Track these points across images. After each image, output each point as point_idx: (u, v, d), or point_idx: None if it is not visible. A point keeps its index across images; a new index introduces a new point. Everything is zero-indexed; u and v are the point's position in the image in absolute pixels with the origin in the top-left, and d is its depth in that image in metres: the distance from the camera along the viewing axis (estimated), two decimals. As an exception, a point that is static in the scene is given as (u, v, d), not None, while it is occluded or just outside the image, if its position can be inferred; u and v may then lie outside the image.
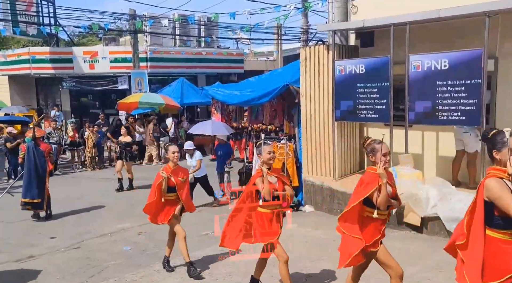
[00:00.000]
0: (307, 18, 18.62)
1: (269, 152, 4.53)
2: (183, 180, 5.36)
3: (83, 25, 15.98)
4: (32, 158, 8.03)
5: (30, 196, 7.94)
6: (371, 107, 7.47)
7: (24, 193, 8.00)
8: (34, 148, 8.09)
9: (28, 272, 5.69)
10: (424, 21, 6.88)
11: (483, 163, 6.53)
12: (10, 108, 17.22)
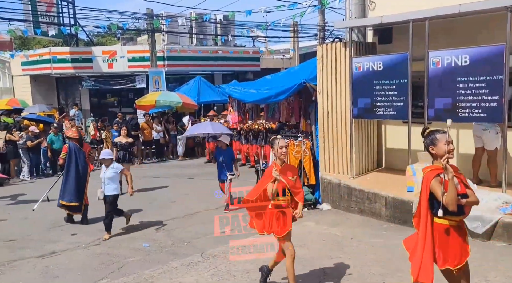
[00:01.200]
0: (324, 15, 18.50)
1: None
2: (294, 180, 4.64)
3: (102, 25, 16.18)
4: (74, 159, 7.75)
5: (67, 198, 7.68)
6: (389, 104, 7.39)
7: (62, 195, 7.75)
8: (76, 149, 7.83)
9: (50, 267, 5.82)
10: (444, 16, 6.77)
11: (505, 159, 6.40)
12: (33, 107, 17.61)
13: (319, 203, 8.29)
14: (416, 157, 7.15)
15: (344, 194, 7.82)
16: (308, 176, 8.49)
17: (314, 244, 6.12)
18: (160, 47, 18.78)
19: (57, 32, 18.67)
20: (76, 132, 8.07)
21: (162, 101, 14.28)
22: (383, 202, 7.12)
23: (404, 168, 7.40)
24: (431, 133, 3.59)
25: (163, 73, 17.73)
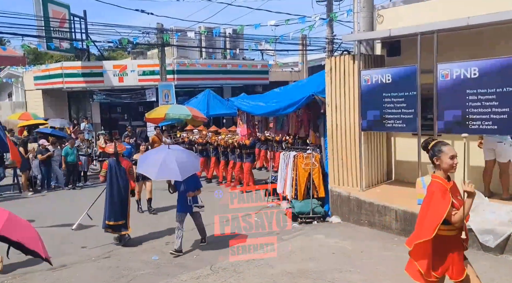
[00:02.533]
0: (332, 28, 18.62)
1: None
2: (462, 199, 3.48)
3: (113, 40, 16.46)
4: (115, 176, 7.36)
5: (114, 218, 7.27)
6: (398, 116, 7.38)
7: (107, 215, 7.30)
8: (116, 165, 7.43)
9: (61, 280, 5.85)
10: (452, 29, 6.79)
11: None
12: (54, 120, 17.92)
13: (328, 216, 8.26)
14: (426, 170, 7.10)
15: (354, 207, 7.78)
16: (317, 189, 8.47)
17: (323, 257, 6.08)
18: (170, 61, 19.02)
19: (69, 47, 19.03)
20: (113, 147, 7.69)
21: (172, 114, 14.39)
22: (393, 215, 7.06)
23: (413, 180, 7.36)
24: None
25: (173, 86, 17.91)
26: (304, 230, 7.60)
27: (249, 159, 11.57)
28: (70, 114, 21.49)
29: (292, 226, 7.89)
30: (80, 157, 13.23)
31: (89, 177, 13.97)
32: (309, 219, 8.07)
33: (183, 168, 6.50)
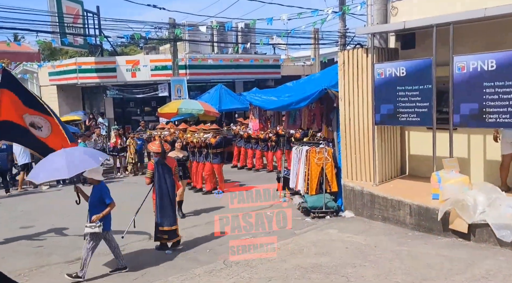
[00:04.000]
0: (345, 21, 18.43)
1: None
2: None
3: (125, 35, 16.54)
4: (162, 177, 6.74)
5: (167, 223, 6.67)
6: (412, 110, 7.28)
7: (160, 220, 6.67)
8: (162, 165, 6.81)
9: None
10: (469, 21, 6.65)
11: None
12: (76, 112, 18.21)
13: (341, 210, 8.21)
14: (441, 164, 7.01)
15: (367, 202, 7.72)
16: (330, 184, 8.42)
17: (337, 252, 6.06)
18: (182, 55, 19.05)
19: (82, 43, 19.19)
20: (160, 146, 6.99)
21: (184, 109, 14.44)
22: (407, 210, 6.99)
23: (428, 175, 7.27)
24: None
25: (185, 81, 17.95)
26: (317, 225, 7.58)
27: (216, 159, 10.65)
28: (84, 109, 21.70)
29: (305, 221, 7.90)
30: None
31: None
32: (322, 214, 8.04)
33: (72, 163, 5.74)
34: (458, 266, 5.30)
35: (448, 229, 6.37)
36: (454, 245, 6.12)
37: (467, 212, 6.10)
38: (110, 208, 5.95)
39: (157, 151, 6.96)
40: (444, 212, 6.34)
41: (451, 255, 5.69)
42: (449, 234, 6.38)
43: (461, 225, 6.15)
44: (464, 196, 6.26)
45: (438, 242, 6.27)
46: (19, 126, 6.86)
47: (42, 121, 6.95)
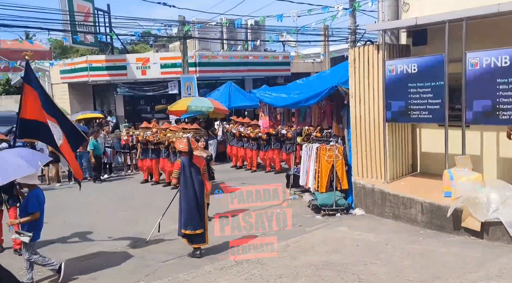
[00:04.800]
0: (355, 18, 18.31)
1: None
2: None
3: (136, 32, 16.63)
4: (189, 178, 6.32)
5: (191, 226, 6.26)
6: (424, 107, 7.22)
7: (183, 222, 6.29)
8: (189, 165, 6.38)
9: (88, 269, 5.99)
10: (482, 16, 6.56)
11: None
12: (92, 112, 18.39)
13: (352, 208, 8.18)
14: (453, 161, 6.94)
15: (378, 199, 7.68)
16: (340, 181, 8.39)
17: (347, 250, 6.04)
18: (191, 53, 19.09)
19: (93, 41, 19.32)
20: (187, 144, 6.50)
21: (194, 106, 14.48)
22: (419, 208, 6.94)
23: (440, 172, 7.21)
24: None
25: (195, 79, 17.99)
26: (327, 222, 7.56)
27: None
28: (95, 107, 21.88)
29: (315, 218, 7.88)
30: (106, 149, 13.46)
31: (114, 168, 14.24)
32: (332, 211, 8.01)
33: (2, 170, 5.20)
34: (471, 265, 5.25)
35: (460, 227, 6.31)
36: (466, 243, 6.07)
37: (480, 210, 6.03)
38: (30, 218, 5.46)
39: (184, 149, 6.47)
40: (456, 210, 6.28)
41: (463, 253, 5.63)
42: (461, 232, 6.32)
43: (474, 223, 6.08)
44: (477, 194, 6.20)
45: (450, 240, 6.21)
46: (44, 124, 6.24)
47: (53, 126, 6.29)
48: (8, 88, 28.64)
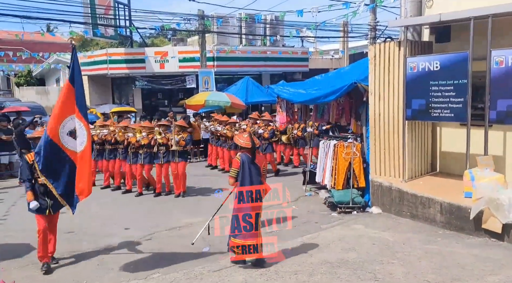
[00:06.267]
0: (375, 14, 18.06)
1: None
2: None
3: (156, 26, 16.73)
4: (248, 178, 5.51)
5: (243, 235, 5.44)
6: (445, 105, 7.08)
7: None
8: (250, 163, 5.54)
9: (105, 260, 6.07)
10: (508, 13, 6.38)
11: None
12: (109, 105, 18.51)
13: (368, 206, 8.09)
14: (474, 162, 6.80)
15: (396, 198, 7.58)
16: (357, 179, 8.30)
17: (364, 248, 5.98)
18: (210, 47, 19.12)
19: (113, 34, 19.51)
20: (249, 139, 5.66)
21: (211, 101, 14.52)
22: (438, 208, 6.82)
23: (460, 172, 7.08)
24: None
25: (213, 73, 18.03)
26: (343, 220, 7.50)
27: (147, 160, 9.74)
28: (113, 99, 22.15)
29: (331, 216, 7.83)
30: None
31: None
32: (348, 209, 7.94)
33: None
34: (491, 267, 5.14)
35: (480, 228, 6.18)
36: (486, 245, 5.95)
37: (502, 211, 5.90)
38: None
39: (246, 145, 5.62)
40: (477, 212, 6.15)
41: (483, 255, 5.52)
42: (481, 233, 6.19)
43: (495, 224, 5.95)
44: (499, 195, 6.06)
45: (470, 242, 6.10)
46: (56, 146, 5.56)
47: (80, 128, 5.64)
48: (30, 79, 29.18)
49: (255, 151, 5.66)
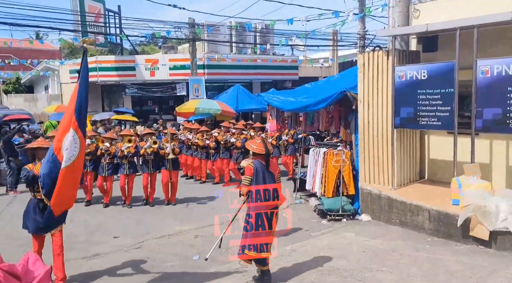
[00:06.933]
0: (364, 23, 18.29)
1: None
2: None
3: (146, 34, 16.75)
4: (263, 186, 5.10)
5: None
6: (433, 114, 7.18)
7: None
8: (264, 170, 5.17)
9: (94, 269, 6.00)
10: (494, 24, 6.52)
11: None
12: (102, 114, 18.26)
13: (358, 214, 8.13)
14: (461, 169, 6.89)
15: (385, 206, 7.64)
16: (347, 186, 8.36)
17: (354, 256, 6.00)
18: (200, 55, 19.17)
19: (103, 42, 19.48)
20: (263, 145, 5.32)
21: (202, 108, 14.52)
22: (426, 215, 6.89)
23: (448, 180, 7.16)
24: None
25: (203, 81, 18.06)
26: (333, 228, 7.53)
27: (110, 171, 9.47)
28: (103, 107, 22.01)
29: (321, 223, 7.85)
30: None
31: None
32: (338, 217, 7.98)
33: None
34: (479, 274, 5.19)
35: (468, 235, 6.25)
36: (474, 252, 6.01)
37: (489, 219, 5.98)
38: None
39: (259, 151, 5.25)
40: (465, 219, 6.22)
41: (471, 262, 5.58)
42: (469, 241, 6.26)
43: (482, 232, 6.03)
44: (486, 202, 6.14)
45: (458, 249, 6.16)
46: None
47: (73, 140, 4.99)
48: (18, 86, 28.91)
49: (269, 158, 5.34)
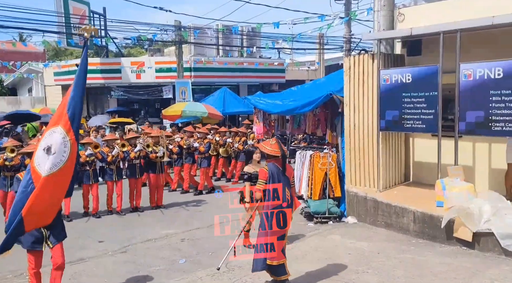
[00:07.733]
0: (350, 27, 18.45)
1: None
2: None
3: (132, 37, 16.64)
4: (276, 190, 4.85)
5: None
6: (418, 117, 7.27)
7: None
8: (279, 174, 4.92)
9: (78, 274, 5.91)
10: (476, 28, 6.65)
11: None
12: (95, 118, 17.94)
13: (344, 216, 8.18)
14: (446, 171, 6.98)
15: (371, 208, 7.70)
16: (334, 189, 8.40)
17: (340, 258, 6.03)
18: (186, 58, 19.10)
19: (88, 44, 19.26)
20: (278, 146, 4.99)
21: (188, 111, 14.46)
22: (411, 217, 6.96)
23: (432, 182, 7.25)
24: None
25: (190, 84, 17.99)
26: (320, 230, 7.55)
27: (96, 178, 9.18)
28: (88, 109, 21.76)
29: (308, 226, 7.87)
30: None
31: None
32: (324, 219, 8.01)
33: None
34: (463, 275, 5.26)
35: (452, 237, 6.33)
36: (458, 253, 6.09)
37: (472, 220, 6.06)
38: None
39: (274, 153, 4.95)
40: (449, 220, 6.31)
41: (455, 263, 5.65)
42: (453, 242, 6.34)
43: (466, 233, 6.11)
44: (469, 204, 6.23)
45: (442, 250, 6.23)
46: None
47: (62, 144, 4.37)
48: (1, 88, 28.42)
49: (286, 161, 5.00)
